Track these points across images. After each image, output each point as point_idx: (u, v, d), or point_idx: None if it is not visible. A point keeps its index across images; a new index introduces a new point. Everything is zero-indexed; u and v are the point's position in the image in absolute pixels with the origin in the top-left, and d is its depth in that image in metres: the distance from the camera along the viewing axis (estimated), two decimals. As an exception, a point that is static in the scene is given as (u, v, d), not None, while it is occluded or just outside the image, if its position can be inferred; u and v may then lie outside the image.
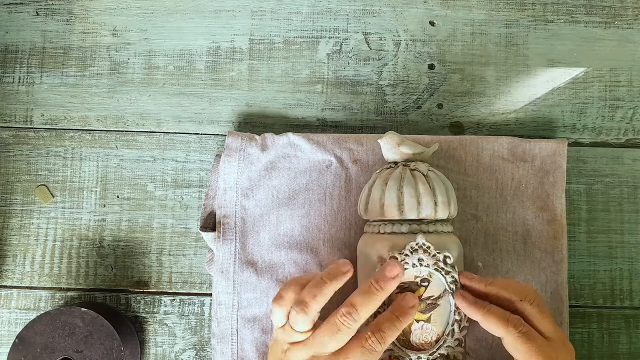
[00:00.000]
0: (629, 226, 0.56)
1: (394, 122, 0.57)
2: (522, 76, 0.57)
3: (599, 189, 0.56)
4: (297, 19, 0.58)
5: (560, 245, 0.53)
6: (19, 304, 0.55)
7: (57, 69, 0.57)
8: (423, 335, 0.45)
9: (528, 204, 0.54)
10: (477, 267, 0.53)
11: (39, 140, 0.57)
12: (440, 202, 0.47)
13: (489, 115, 0.57)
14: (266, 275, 0.53)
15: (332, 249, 0.53)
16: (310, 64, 0.57)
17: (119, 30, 0.58)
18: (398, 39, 0.57)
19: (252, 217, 0.53)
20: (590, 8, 0.58)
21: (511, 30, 0.58)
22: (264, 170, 0.54)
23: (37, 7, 0.58)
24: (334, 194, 0.54)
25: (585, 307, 0.55)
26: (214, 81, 0.57)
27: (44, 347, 0.50)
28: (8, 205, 0.56)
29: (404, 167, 0.49)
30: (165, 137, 0.57)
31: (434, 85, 0.57)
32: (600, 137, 0.57)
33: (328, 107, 0.57)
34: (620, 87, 0.57)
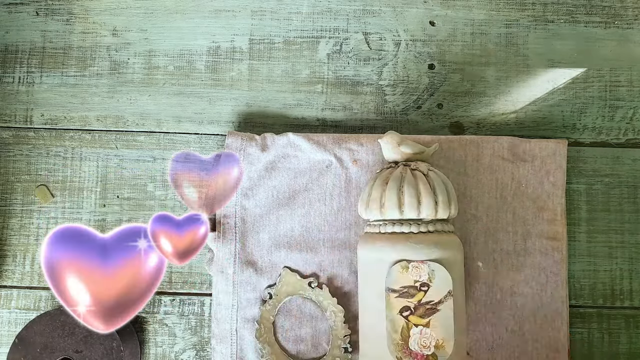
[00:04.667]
0: (629, 226, 0.56)
1: (394, 122, 0.57)
2: (522, 76, 0.57)
3: (599, 189, 0.56)
4: (297, 19, 0.58)
5: (561, 245, 0.53)
6: (18, 304, 0.55)
7: (57, 69, 0.57)
8: (422, 340, 0.45)
9: (528, 204, 0.54)
10: (477, 267, 0.53)
11: (39, 140, 0.57)
12: (441, 201, 0.47)
13: (489, 115, 0.57)
14: (266, 276, 0.53)
15: (332, 249, 0.53)
16: (310, 64, 0.57)
17: (119, 30, 0.58)
18: (398, 39, 0.57)
19: (252, 217, 0.53)
20: (590, 8, 0.58)
21: (511, 30, 0.58)
22: (264, 170, 0.54)
23: (37, 7, 0.58)
24: (334, 194, 0.54)
25: (585, 307, 0.55)
26: (214, 81, 0.57)
27: (43, 347, 0.50)
28: (8, 205, 0.56)
29: (404, 167, 0.49)
30: (165, 137, 0.57)
31: (434, 85, 0.57)
32: (601, 137, 0.57)
33: (328, 107, 0.57)
34: (620, 87, 0.57)
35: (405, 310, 0.45)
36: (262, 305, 0.52)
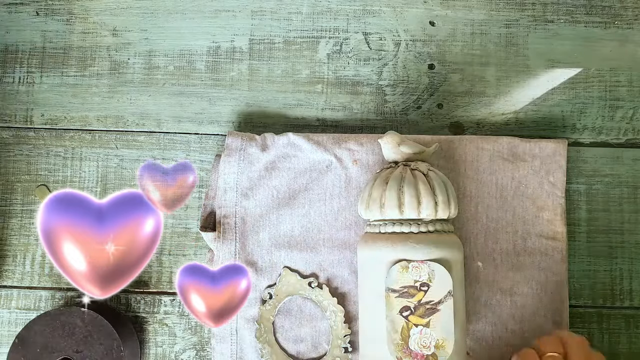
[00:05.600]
0: (629, 226, 0.56)
1: (394, 122, 0.57)
2: (522, 76, 0.57)
3: (599, 189, 0.56)
4: (297, 19, 0.58)
5: (561, 245, 0.53)
6: (19, 304, 0.55)
7: (57, 69, 0.57)
8: (422, 340, 0.45)
9: (528, 204, 0.54)
10: (477, 267, 0.53)
11: (39, 140, 0.57)
12: (441, 201, 0.47)
13: (489, 115, 0.57)
14: (266, 275, 0.53)
15: (332, 249, 0.53)
16: (310, 64, 0.57)
17: (119, 30, 0.58)
18: (398, 39, 0.57)
19: (252, 217, 0.53)
20: (590, 8, 0.58)
21: (511, 30, 0.58)
22: (264, 170, 0.54)
23: (37, 7, 0.58)
24: (334, 194, 0.54)
25: (585, 307, 0.55)
26: (214, 81, 0.57)
27: (43, 347, 0.50)
28: (8, 205, 0.56)
29: (404, 167, 0.48)
30: (165, 137, 0.57)
31: (434, 85, 0.57)
32: (600, 137, 0.57)
33: (328, 107, 0.57)
34: (620, 87, 0.57)
35: (405, 310, 0.45)
36: (262, 305, 0.52)
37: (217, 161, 0.54)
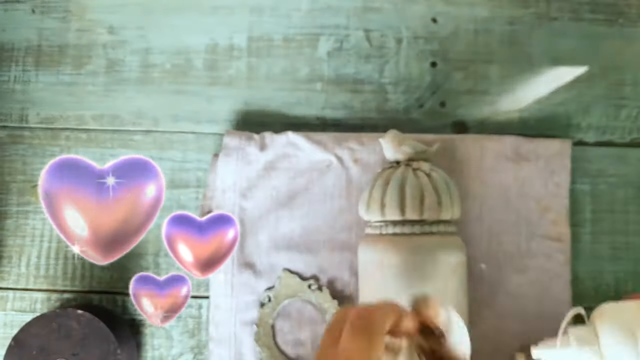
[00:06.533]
0: (634, 227, 0.55)
1: (396, 120, 0.56)
2: (526, 74, 0.56)
3: (603, 189, 0.55)
4: (296, 15, 0.57)
5: (564, 247, 0.53)
6: (14, 306, 0.54)
7: (53, 67, 0.57)
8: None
9: (532, 205, 0.53)
10: (480, 269, 0.52)
11: (34, 139, 0.56)
12: (443, 202, 0.46)
13: (493, 114, 0.56)
14: (265, 278, 0.52)
15: (332, 251, 0.52)
16: (310, 62, 0.57)
17: (115, 28, 0.57)
18: (400, 36, 0.57)
19: (251, 218, 0.53)
20: (595, 6, 0.57)
21: (515, 27, 0.57)
22: (262, 170, 0.53)
23: (33, 5, 0.57)
24: (334, 195, 0.53)
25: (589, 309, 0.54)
26: (212, 79, 0.57)
27: (39, 350, 0.49)
28: (3, 206, 0.55)
29: (406, 167, 0.48)
30: (162, 136, 0.56)
31: (436, 84, 0.56)
32: (605, 137, 0.56)
33: (328, 106, 0.56)
34: (625, 86, 0.56)
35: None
36: (261, 308, 0.52)
37: (215, 161, 0.54)
